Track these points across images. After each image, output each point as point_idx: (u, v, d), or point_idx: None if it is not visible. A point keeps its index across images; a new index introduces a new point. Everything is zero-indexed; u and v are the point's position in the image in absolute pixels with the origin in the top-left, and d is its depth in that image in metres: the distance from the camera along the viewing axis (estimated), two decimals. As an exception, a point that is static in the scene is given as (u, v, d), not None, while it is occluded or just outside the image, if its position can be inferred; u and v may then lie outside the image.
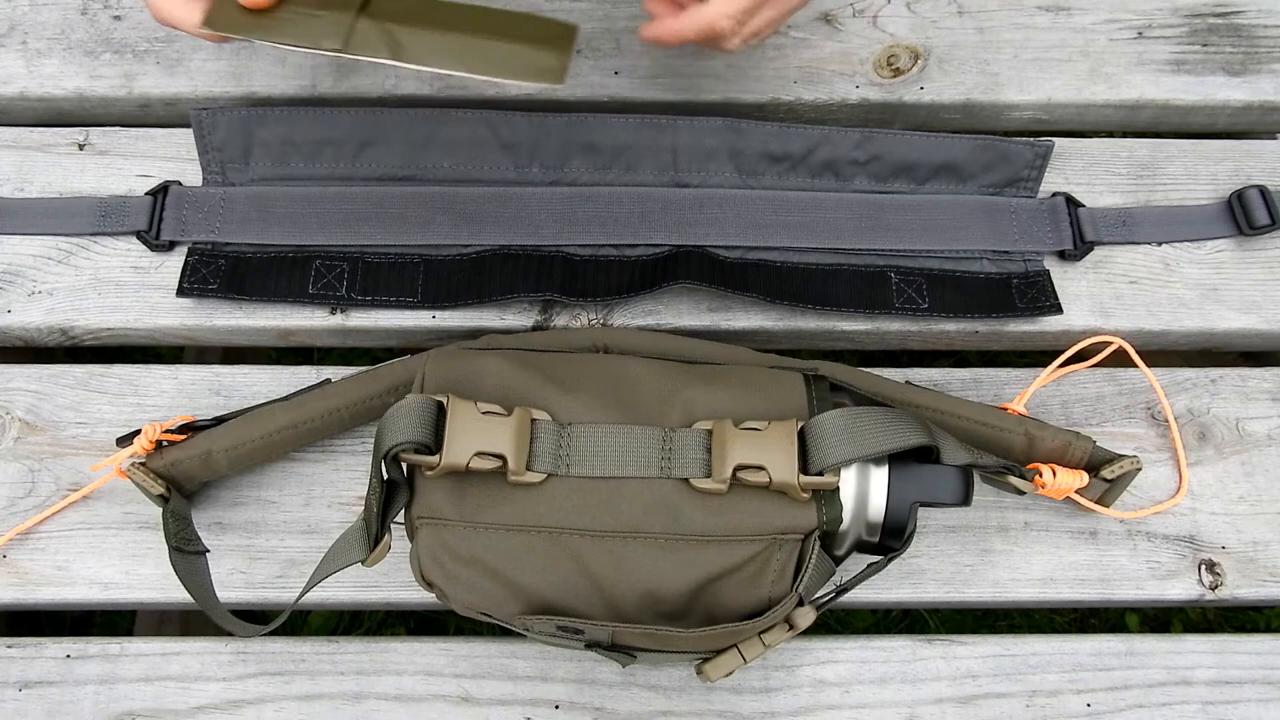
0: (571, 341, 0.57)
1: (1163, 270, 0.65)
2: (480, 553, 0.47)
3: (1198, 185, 0.67)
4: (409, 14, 0.54)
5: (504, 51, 0.53)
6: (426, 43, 0.53)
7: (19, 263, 0.63)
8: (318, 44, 0.53)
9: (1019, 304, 0.63)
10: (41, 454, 0.59)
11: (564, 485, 0.48)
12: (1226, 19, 0.71)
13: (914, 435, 0.49)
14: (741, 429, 0.49)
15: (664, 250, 0.63)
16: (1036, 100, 0.69)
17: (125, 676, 0.56)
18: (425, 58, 0.53)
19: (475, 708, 0.56)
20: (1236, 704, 0.56)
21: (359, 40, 0.53)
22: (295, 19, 0.53)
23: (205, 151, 0.64)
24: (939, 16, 0.71)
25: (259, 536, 0.58)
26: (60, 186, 0.65)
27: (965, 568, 0.59)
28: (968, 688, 0.56)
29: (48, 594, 0.57)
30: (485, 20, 0.54)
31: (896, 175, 0.65)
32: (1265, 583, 0.59)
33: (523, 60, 0.53)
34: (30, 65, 0.67)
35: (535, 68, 0.53)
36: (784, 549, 0.48)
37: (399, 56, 0.53)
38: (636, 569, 0.47)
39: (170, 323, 0.62)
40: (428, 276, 0.62)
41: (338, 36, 0.53)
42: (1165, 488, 0.60)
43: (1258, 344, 0.66)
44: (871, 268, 0.64)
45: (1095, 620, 1.03)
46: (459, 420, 0.48)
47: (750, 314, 0.63)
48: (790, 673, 0.57)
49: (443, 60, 0.53)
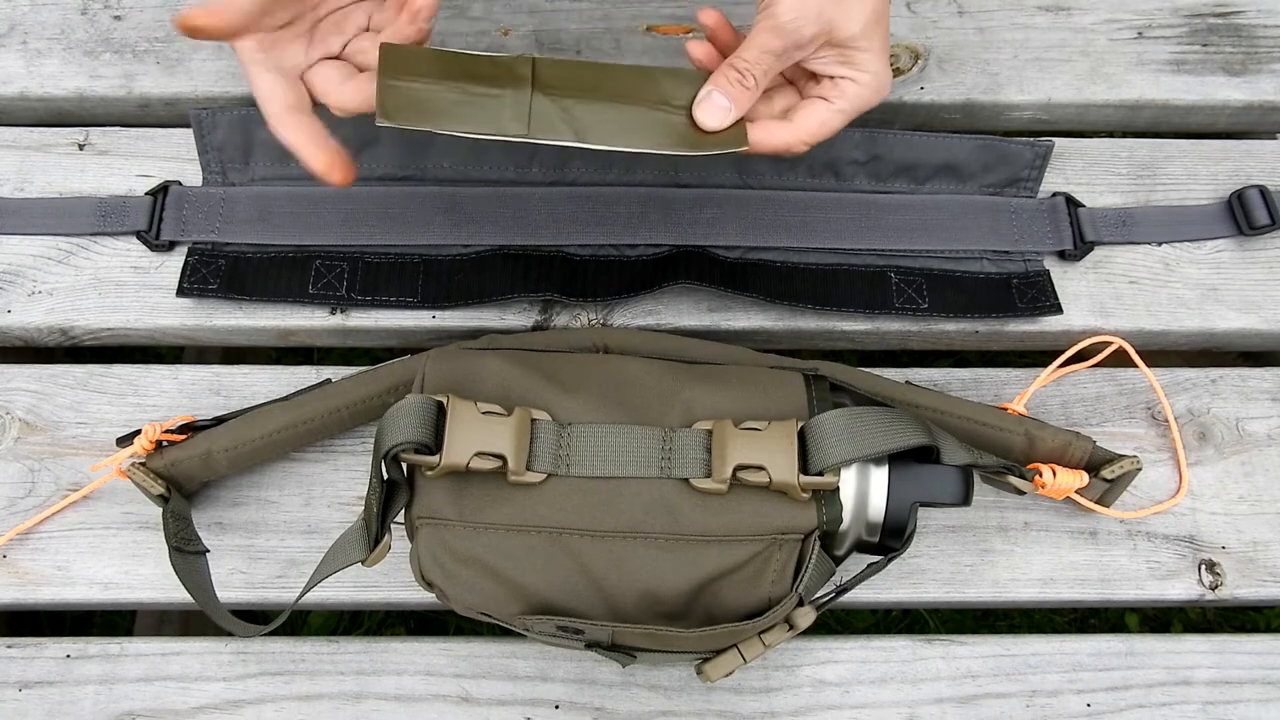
0: (571, 341, 0.57)
1: (1163, 270, 0.65)
2: (480, 553, 0.47)
3: (1198, 185, 0.67)
4: (577, 84, 0.52)
5: (681, 123, 0.52)
6: (603, 118, 0.51)
7: (19, 263, 0.63)
8: (502, 130, 0.50)
9: (1019, 304, 0.63)
10: (41, 454, 0.59)
11: (564, 485, 0.48)
12: (1226, 19, 0.71)
13: (914, 435, 0.49)
14: (741, 429, 0.49)
15: (664, 250, 0.63)
16: (1036, 100, 0.69)
17: (125, 676, 0.56)
18: (608, 137, 0.51)
19: (475, 708, 0.56)
20: (1236, 704, 0.56)
21: (539, 122, 0.51)
22: (473, 101, 0.50)
23: (205, 151, 0.64)
24: (939, 16, 0.71)
25: (259, 536, 0.58)
26: (60, 186, 0.65)
27: (965, 568, 0.59)
28: (968, 688, 0.57)
29: (48, 594, 0.57)
30: (649, 84, 0.53)
31: (897, 175, 0.65)
32: (1265, 583, 0.58)
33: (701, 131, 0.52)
34: (30, 65, 0.67)
35: (716, 137, 0.51)
36: (784, 549, 0.48)
37: (583, 138, 0.51)
38: (636, 569, 0.47)
39: (170, 323, 0.62)
40: (428, 276, 0.62)
41: (520, 120, 0.50)
42: (1165, 488, 0.60)
43: (1258, 344, 0.66)
44: (871, 268, 0.64)
45: (1095, 620, 1.03)
46: (459, 420, 0.48)
47: (750, 314, 0.63)
48: (790, 673, 0.57)
49: (624, 138, 0.51)
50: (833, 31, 0.50)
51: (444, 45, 0.68)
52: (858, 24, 0.50)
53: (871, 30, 0.51)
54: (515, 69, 0.52)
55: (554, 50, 0.68)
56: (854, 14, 0.50)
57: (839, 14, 0.50)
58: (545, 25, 0.69)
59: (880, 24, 0.51)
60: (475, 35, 0.69)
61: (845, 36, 0.50)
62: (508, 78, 0.51)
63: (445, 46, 0.53)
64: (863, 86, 0.52)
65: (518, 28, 0.69)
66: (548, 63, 0.52)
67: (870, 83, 0.52)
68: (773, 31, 0.50)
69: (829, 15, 0.50)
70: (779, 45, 0.50)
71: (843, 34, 0.50)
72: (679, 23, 0.70)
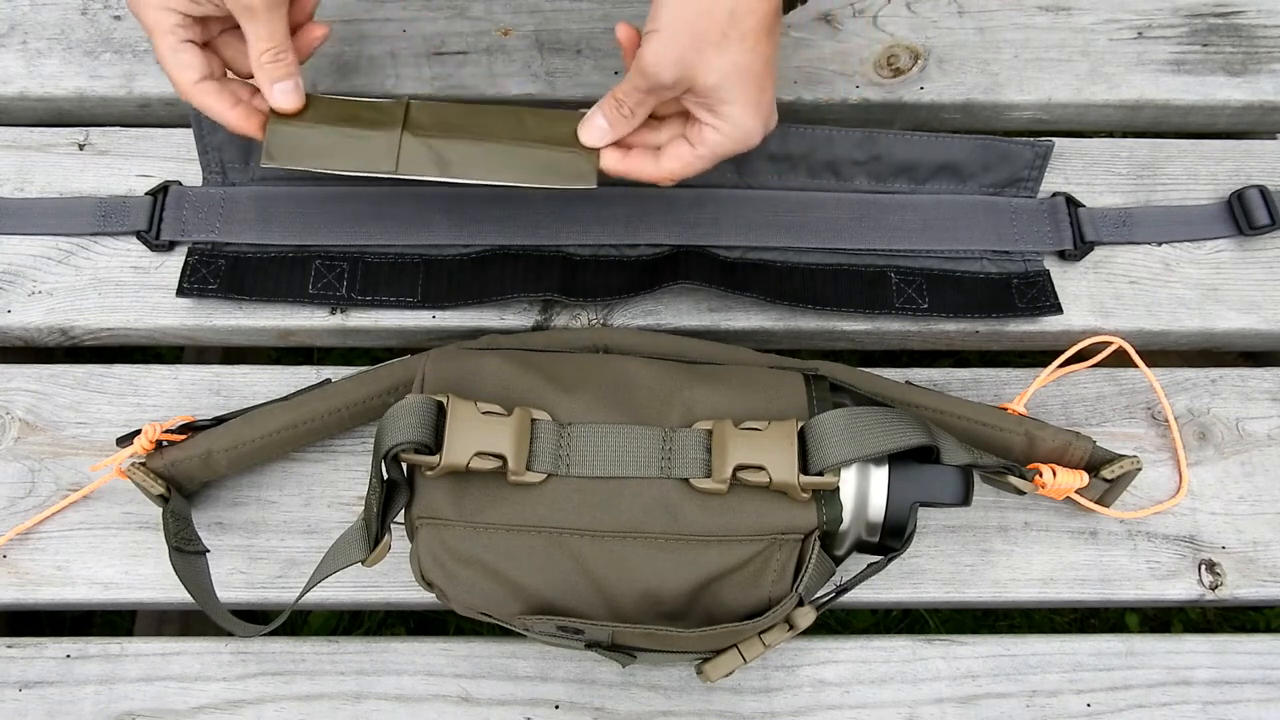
0: (571, 341, 0.57)
1: (1163, 270, 0.65)
2: (480, 553, 0.47)
3: (1198, 185, 0.67)
4: (446, 124, 0.57)
5: (538, 158, 0.56)
6: (467, 155, 0.56)
7: (19, 263, 0.63)
8: (373, 168, 0.56)
9: (1019, 304, 0.63)
10: (41, 454, 0.59)
11: (564, 485, 0.48)
12: (1226, 19, 0.71)
13: (914, 435, 0.49)
14: (741, 429, 0.49)
15: (664, 250, 0.63)
16: (1036, 100, 0.69)
17: (125, 676, 0.56)
18: (469, 171, 0.56)
19: (475, 708, 0.56)
20: (1236, 704, 0.56)
21: (408, 160, 0.56)
22: (346, 143, 0.56)
23: (205, 151, 0.64)
24: (939, 16, 0.71)
25: (259, 536, 0.58)
26: (60, 186, 0.65)
27: (965, 568, 0.59)
28: (968, 688, 0.57)
29: (48, 594, 0.57)
30: (515, 124, 0.57)
31: (896, 175, 0.65)
32: (1265, 583, 0.58)
33: (556, 166, 0.56)
34: (30, 65, 0.67)
35: (568, 173, 0.56)
36: (784, 549, 0.48)
37: (446, 172, 0.56)
38: (636, 569, 0.47)
39: (170, 323, 0.62)
40: (428, 276, 0.62)
41: (389, 158, 0.56)
42: (1165, 488, 0.60)
43: (1258, 344, 0.66)
44: (871, 268, 0.64)
45: (1095, 620, 1.03)
46: (459, 420, 0.48)
47: (750, 314, 0.63)
48: (790, 673, 0.57)
49: (485, 172, 0.56)
50: (693, 80, 0.52)
51: (443, 46, 0.68)
52: (716, 75, 0.51)
53: (735, 82, 0.52)
54: (391, 112, 0.57)
55: (555, 50, 0.69)
56: (713, 66, 0.51)
57: (698, 64, 0.51)
58: (545, 25, 0.69)
59: (746, 75, 0.52)
60: (475, 35, 0.69)
61: (704, 86, 0.52)
62: (383, 120, 0.57)
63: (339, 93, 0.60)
64: (723, 136, 0.54)
65: (518, 27, 0.69)
66: (420, 106, 0.57)
67: (730, 133, 0.53)
68: (639, 71, 0.52)
69: (689, 63, 0.51)
70: (644, 84, 0.53)
71: (702, 84, 0.52)
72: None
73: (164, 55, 0.53)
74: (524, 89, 0.67)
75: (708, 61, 0.51)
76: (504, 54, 0.68)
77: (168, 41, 0.53)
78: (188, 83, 0.54)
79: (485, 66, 0.68)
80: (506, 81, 0.68)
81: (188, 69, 0.54)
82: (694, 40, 0.50)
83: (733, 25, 0.50)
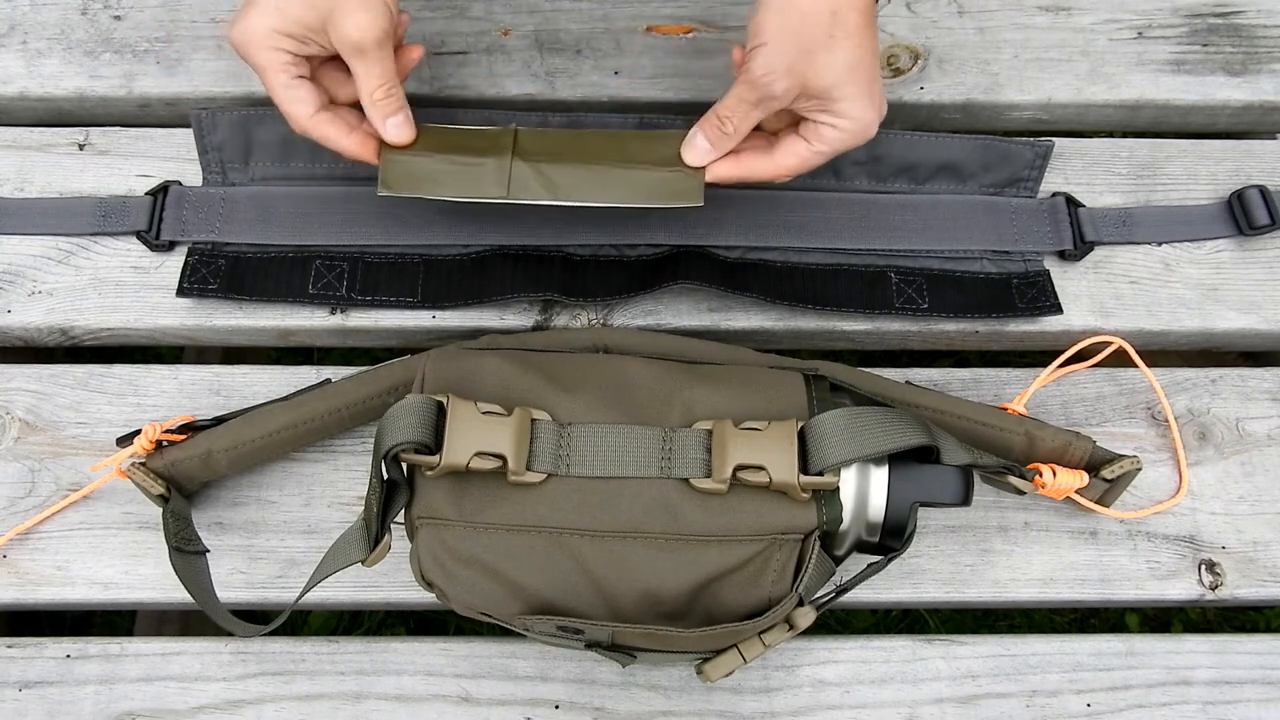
0: (571, 341, 0.57)
1: (1163, 270, 0.65)
2: (480, 553, 0.47)
3: (1198, 185, 0.67)
4: (552, 149, 0.59)
5: (644, 179, 0.58)
6: (574, 178, 0.58)
7: (19, 263, 0.63)
8: (486, 194, 0.58)
9: (1019, 304, 0.63)
10: (41, 454, 0.59)
11: (564, 485, 0.48)
12: (1226, 19, 0.71)
13: (914, 435, 0.49)
14: (741, 429, 0.49)
15: (664, 250, 0.63)
16: (1036, 100, 0.69)
17: (125, 676, 0.56)
18: (577, 194, 0.58)
19: (475, 708, 0.56)
20: (1236, 704, 0.56)
21: (518, 185, 0.58)
22: (458, 170, 0.58)
23: (205, 151, 0.64)
24: (939, 16, 0.71)
25: (259, 536, 0.58)
26: (60, 186, 0.65)
27: (965, 568, 0.59)
28: (968, 688, 0.57)
29: (48, 594, 0.57)
30: (618, 146, 0.59)
31: (897, 175, 0.65)
32: (1265, 583, 0.58)
33: (663, 185, 0.58)
34: (30, 65, 0.67)
35: (675, 191, 0.58)
36: (784, 549, 0.48)
37: (556, 196, 0.58)
38: (636, 569, 0.47)
39: (170, 323, 0.62)
40: (428, 276, 0.62)
41: (501, 184, 0.58)
42: (1165, 488, 0.60)
43: (1258, 344, 0.66)
44: (871, 268, 0.64)
45: (1095, 620, 1.03)
46: (459, 420, 0.48)
47: (750, 314, 0.63)
48: (790, 673, 0.57)
49: (593, 194, 0.58)
50: (807, 84, 0.52)
51: (443, 46, 0.68)
52: (829, 76, 0.52)
53: (847, 79, 0.53)
54: (499, 139, 0.59)
55: (554, 50, 0.69)
56: (825, 67, 0.52)
57: (810, 68, 0.52)
58: (545, 25, 0.69)
59: (858, 71, 0.53)
60: (475, 35, 0.69)
61: (820, 88, 0.53)
62: (492, 147, 0.58)
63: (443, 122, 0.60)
64: (841, 131, 0.54)
65: (518, 28, 0.69)
66: (527, 132, 0.59)
67: (849, 128, 0.54)
68: (748, 85, 0.53)
69: (800, 69, 0.52)
70: (753, 97, 0.54)
71: (817, 86, 0.52)
72: (679, 23, 0.70)
73: (278, 91, 0.55)
74: (524, 89, 0.67)
75: (818, 64, 0.52)
76: (504, 54, 0.68)
77: (280, 79, 0.54)
78: (305, 116, 0.55)
79: (485, 66, 0.68)
80: (506, 81, 0.68)
81: (303, 103, 0.55)
82: (802, 46, 0.51)
83: (837, 25, 0.51)
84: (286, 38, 0.53)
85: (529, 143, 0.59)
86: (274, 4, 0.53)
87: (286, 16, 0.53)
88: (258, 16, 0.53)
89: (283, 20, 0.53)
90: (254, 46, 0.54)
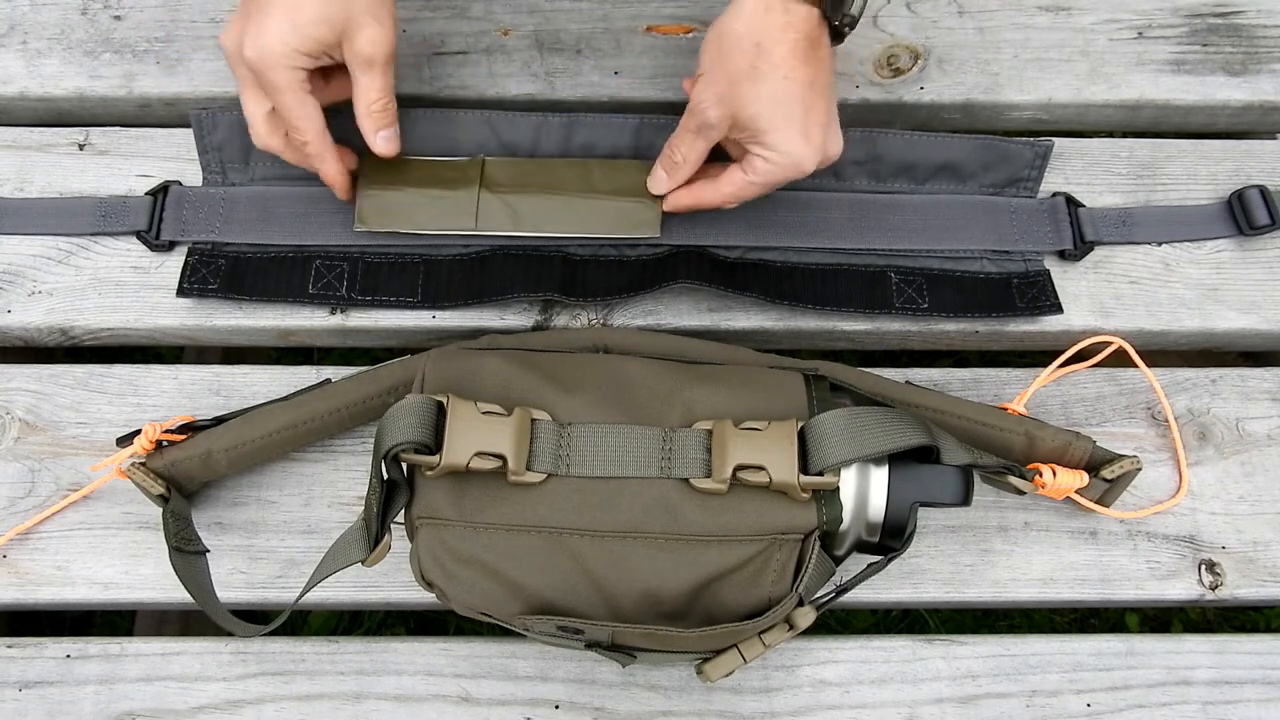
0: (571, 341, 0.57)
1: (1163, 270, 0.65)
2: (480, 553, 0.47)
3: (1198, 185, 0.67)
4: (520, 179, 0.62)
5: (605, 210, 0.61)
6: (539, 208, 0.61)
7: (19, 263, 0.63)
8: (456, 225, 0.61)
9: (1019, 304, 0.63)
10: (41, 454, 0.59)
11: (564, 485, 0.48)
12: (1226, 19, 0.71)
13: (914, 435, 0.49)
14: (741, 429, 0.49)
15: (664, 250, 0.63)
16: (1036, 100, 0.69)
17: (125, 676, 0.56)
18: (541, 225, 0.61)
19: (475, 708, 0.56)
20: (1236, 704, 0.56)
21: (485, 217, 0.61)
22: (430, 204, 0.61)
23: (205, 151, 0.64)
24: (939, 16, 0.71)
25: (259, 536, 0.58)
26: (60, 186, 0.65)
27: (965, 568, 0.59)
28: (968, 688, 0.57)
29: (48, 594, 0.57)
30: (583, 175, 0.62)
31: (897, 175, 0.65)
32: (1265, 583, 0.59)
33: (623, 215, 0.61)
34: (30, 65, 0.67)
35: (633, 222, 0.61)
36: (784, 549, 0.48)
37: (520, 226, 0.61)
38: (636, 569, 0.47)
39: (170, 323, 0.62)
40: (428, 276, 0.62)
41: (470, 215, 0.61)
42: (1165, 488, 0.60)
43: (1258, 344, 0.66)
44: (871, 268, 0.64)
45: (1095, 620, 1.03)
46: (459, 420, 0.48)
47: (750, 314, 0.63)
48: (790, 673, 0.57)
49: (555, 226, 0.61)
50: (735, 115, 0.54)
51: (443, 46, 0.68)
52: (753, 107, 0.53)
53: (773, 112, 0.54)
54: (467, 171, 0.62)
55: (554, 50, 0.69)
56: (750, 99, 0.53)
57: (737, 99, 0.53)
58: (545, 25, 0.69)
59: (787, 105, 0.53)
60: (475, 35, 0.69)
61: (745, 118, 0.54)
62: (461, 179, 0.62)
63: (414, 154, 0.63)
64: (771, 164, 0.56)
65: (518, 28, 0.69)
66: (495, 163, 0.62)
67: (780, 160, 0.55)
68: (689, 113, 0.56)
69: (729, 99, 0.54)
70: (693, 125, 0.56)
71: (742, 116, 0.54)
72: (678, 23, 0.70)
73: (292, 108, 0.55)
74: (523, 89, 0.67)
75: (743, 96, 0.53)
76: (504, 54, 0.68)
77: (296, 96, 0.55)
78: (314, 132, 0.57)
79: (485, 66, 0.68)
80: (506, 81, 0.68)
81: (314, 120, 0.56)
82: (729, 76, 0.53)
83: (760, 57, 0.52)
84: (305, 56, 0.54)
85: (496, 173, 0.62)
86: (290, 21, 0.53)
87: (305, 35, 0.53)
88: (276, 34, 0.53)
89: (301, 39, 0.53)
90: (274, 67, 0.54)
